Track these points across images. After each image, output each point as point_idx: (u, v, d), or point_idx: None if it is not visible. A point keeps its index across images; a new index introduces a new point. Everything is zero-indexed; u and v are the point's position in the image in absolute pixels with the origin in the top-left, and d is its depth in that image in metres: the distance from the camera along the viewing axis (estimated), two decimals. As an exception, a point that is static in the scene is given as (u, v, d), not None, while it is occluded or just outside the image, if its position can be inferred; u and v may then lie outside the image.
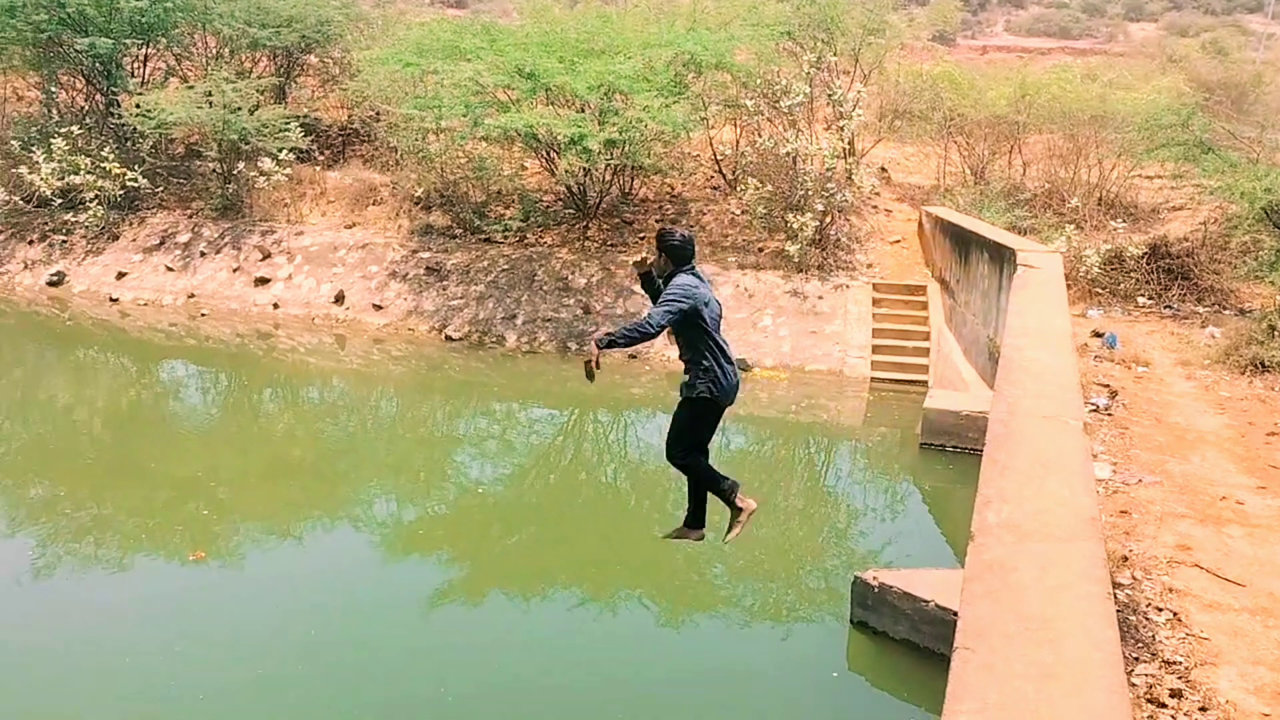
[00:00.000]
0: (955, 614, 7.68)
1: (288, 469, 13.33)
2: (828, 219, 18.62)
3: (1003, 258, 13.02)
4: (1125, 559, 7.35)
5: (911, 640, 8.47)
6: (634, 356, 17.19)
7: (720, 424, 6.02)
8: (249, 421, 15.62)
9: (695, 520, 6.32)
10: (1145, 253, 17.29)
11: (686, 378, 5.88)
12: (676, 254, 5.80)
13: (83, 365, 17.98)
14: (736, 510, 6.07)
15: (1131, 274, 17.17)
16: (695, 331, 5.74)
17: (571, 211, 20.07)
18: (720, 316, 5.92)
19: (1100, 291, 16.98)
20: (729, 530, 6.13)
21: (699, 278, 5.82)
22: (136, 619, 9.00)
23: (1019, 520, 4.77)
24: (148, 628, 8.80)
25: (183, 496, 11.87)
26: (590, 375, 5.16)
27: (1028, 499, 5.02)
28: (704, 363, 5.78)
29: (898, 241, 19.20)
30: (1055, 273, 11.77)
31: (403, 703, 7.82)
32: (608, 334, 5.42)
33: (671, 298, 5.61)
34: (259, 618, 9.06)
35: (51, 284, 20.75)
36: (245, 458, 13.64)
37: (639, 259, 5.85)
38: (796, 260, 18.08)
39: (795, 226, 17.91)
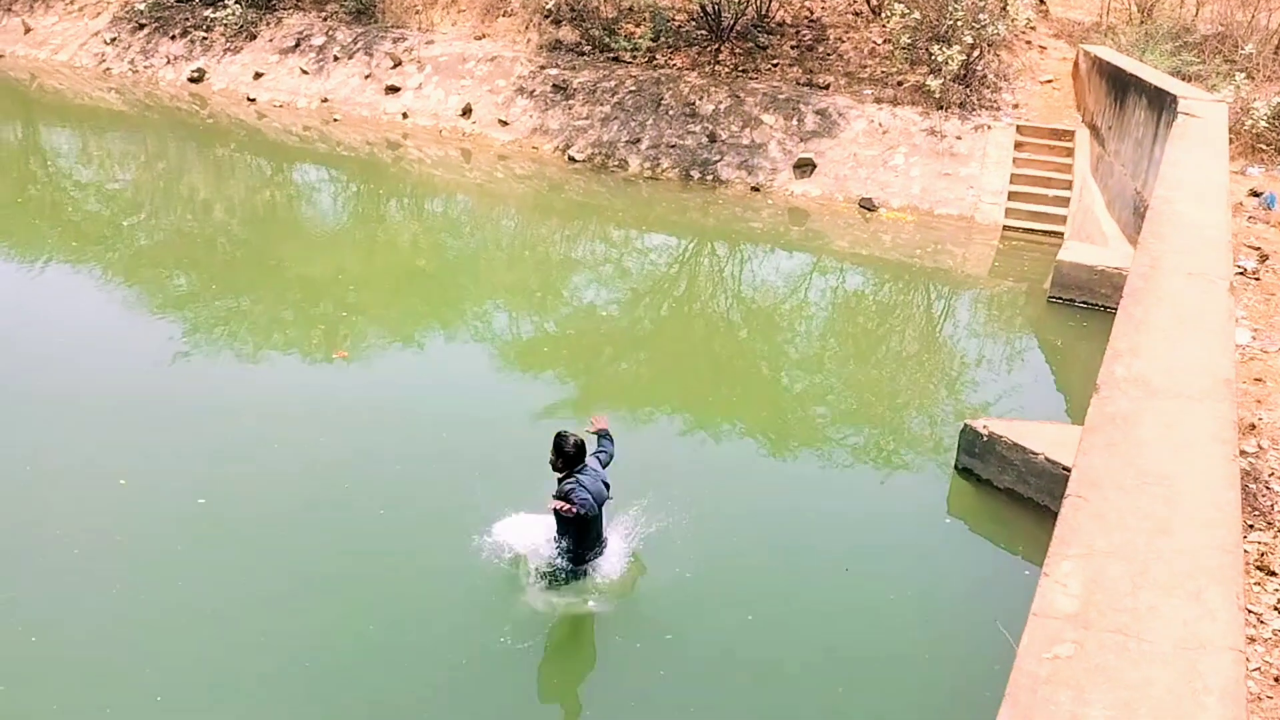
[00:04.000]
0: (1065, 469, 7.59)
1: (413, 278, 13.73)
2: (976, 53, 17.53)
3: (1162, 104, 12.15)
4: (1253, 427, 7.09)
5: (1016, 491, 8.43)
6: (756, 189, 16.85)
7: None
8: (376, 229, 16.03)
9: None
10: (1324, 109, 15.85)
11: (554, 553, 6.90)
12: (571, 459, 6.65)
13: (221, 163, 18.58)
14: None
15: (1304, 131, 15.82)
16: (581, 523, 6.67)
17: (704, 33, 19.37)
18: (607, 498, 6.86)
19: (1265, 148, 15.72)
20: None
21: (592, 472, 6.73)
22: (282, 413, 9.46)
23: (1149, 376, 4.61)
24: (292, 421, 9.28)
25: (316, 296, 12.39)
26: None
27: (1160, 355, 4.83)
28: (574, 550, 6.78)
29: (1049, 82, 18.03)
30: (1218, 124, 10.97)
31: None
32: (576, 508, 6.44)
33: (584, 500, 6.47)
34: (392, 419, 9.41)
35: (192, 80, 21.28)
36: (373, 264, 14.09)
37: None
38: (937, 96, 17.20)
39: (940, 59, 16.95)
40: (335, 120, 19.76)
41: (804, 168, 16.98)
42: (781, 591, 7.42)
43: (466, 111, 19.16)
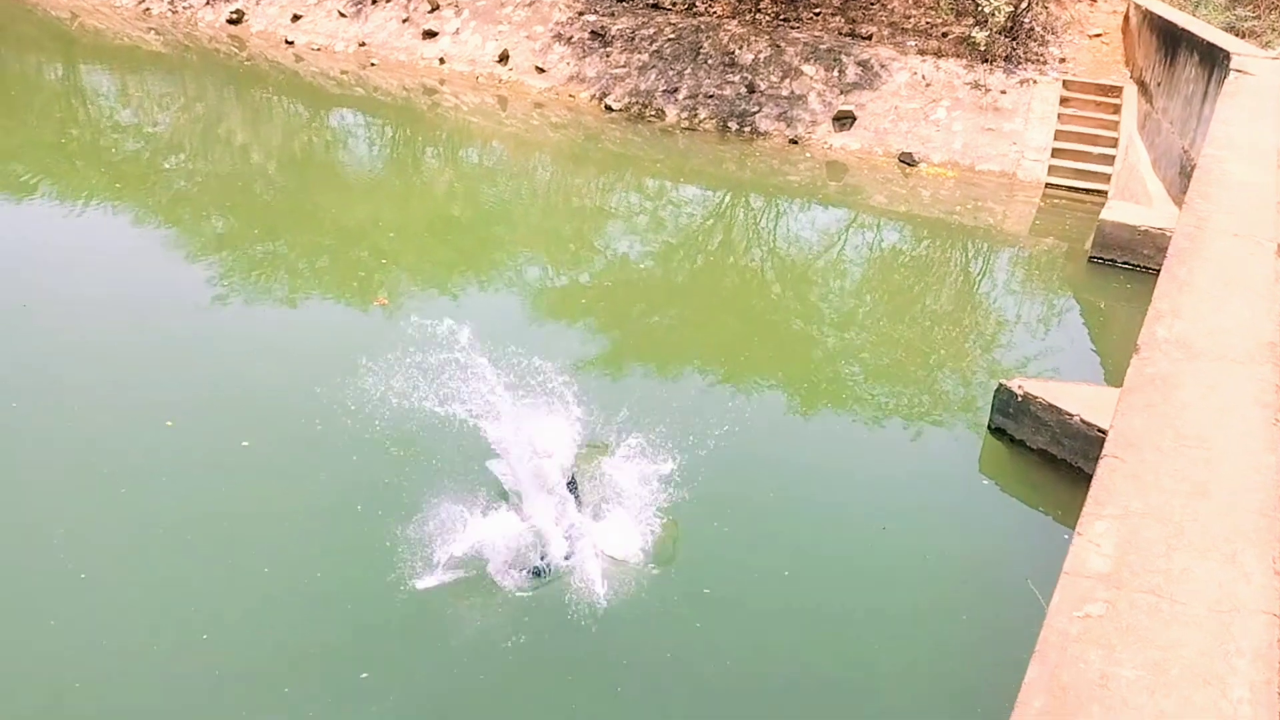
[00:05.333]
0: (1100, 430, 7.53)
1: (449, 226, 13.75)
2: (1023, 4, 17.14)
3: (1214, 61, 11.84)
4: (1296, 393, 6.98)
5: (1049, 452, 8.38)
6: (795, 142, 16.66)
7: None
8: (413, 175, 16.04)
9: None
10: (1384, 68, 15.38)
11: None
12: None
13: (259, 106, 18.60)
14: None
15: (1362, 91, 15.37)
16: None
17: (745, -19, 19.08)
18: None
19: (1321, 109, 15.32)
20: None
21: None
22: (322, 357, 9.49)
23: (1191, 338, 4.55)
24: (333, 366, 9.30)
25: (355, 242, 12.44)
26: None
27: (1203, 317, 4.76)
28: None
29: (1098, 35, 17.61)
30: (1272, 82, 10.69)
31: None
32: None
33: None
34: (432, 366, 9.44)
35: (231, 21, 21.26)
36: (410, 211, 14.11)
37: None
38: (982, 49, 16.86)
39: (987, 10, 16.60)
40: (372, 65, 19.70)
41: (844, 120, 16.75)
42: (816, 547, 7.46)
43: (503, 58, 19.03)
